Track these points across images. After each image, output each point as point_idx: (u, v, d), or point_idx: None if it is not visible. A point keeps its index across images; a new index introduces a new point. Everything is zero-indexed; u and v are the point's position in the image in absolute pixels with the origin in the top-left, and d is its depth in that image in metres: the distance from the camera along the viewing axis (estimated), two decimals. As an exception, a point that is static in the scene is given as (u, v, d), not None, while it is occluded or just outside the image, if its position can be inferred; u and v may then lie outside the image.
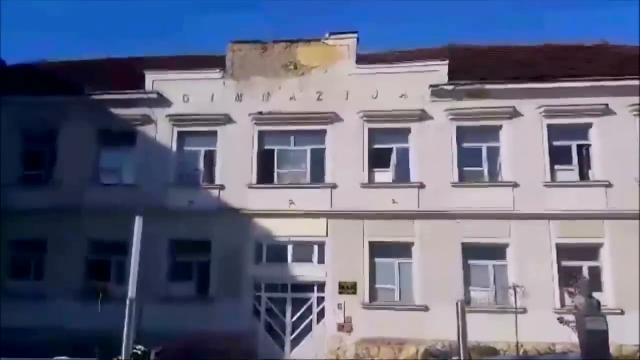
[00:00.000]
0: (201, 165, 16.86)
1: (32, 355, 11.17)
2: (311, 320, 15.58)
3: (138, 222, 10.38)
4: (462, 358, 10.08)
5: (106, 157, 17.19)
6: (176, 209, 15.89)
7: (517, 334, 13.50)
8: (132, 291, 10.07)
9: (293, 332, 15.52)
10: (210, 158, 16.81)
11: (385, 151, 16.36)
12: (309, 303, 15.69)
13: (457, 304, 10.70)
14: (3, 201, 16.26)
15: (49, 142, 17.19)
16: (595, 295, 11.51)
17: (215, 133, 16.79)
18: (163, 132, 16.93)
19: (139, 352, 10.81)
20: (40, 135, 17.31)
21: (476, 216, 15.25)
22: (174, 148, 16.83)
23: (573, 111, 15.63)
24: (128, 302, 9.97)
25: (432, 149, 15.91)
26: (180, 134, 16.91)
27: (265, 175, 16.50)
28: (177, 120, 16.85)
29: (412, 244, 15.58)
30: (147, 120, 16.94)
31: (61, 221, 15.93)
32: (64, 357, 9.63)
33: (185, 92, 16.93)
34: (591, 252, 15.13)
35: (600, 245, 15.04)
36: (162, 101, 16.98)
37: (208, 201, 16.20)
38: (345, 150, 16.19)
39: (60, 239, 16.12)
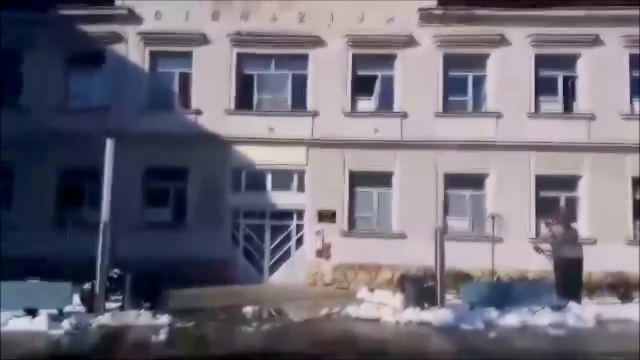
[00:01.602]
0: (176, 88, 16.12)
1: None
2: (290, 247, 15.69)
3: (109, 145, 9.92)
4: (438, 282, 10.28)
5: (75, 80, 16.23)
6: (150, 133, 15.26)
7: (492, 261, 13.72)
8: (105, 215, 9.82)
9: (271, 258, 15.61)
10: (185, 81, 16.07)
11: (369, 78, 15.90)
12: (287, 230, 15.71)
13: (435, 230, 10.80)
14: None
15: (13, 65, 15.97)
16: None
17: (190, 54, 15.95)
18: (134, 52, 15.98)
19: (114, 276, 10.62)
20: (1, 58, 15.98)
21: (458, 146, 15.13)
22: (147, 69, 15.98)
23: (562, 40, 15.28)
24: (101, 226, 9.75)
25: (417, 77, 15.50)
26: (152, 54, 16.02)
27: (244, 100, 15.96)
28: (148, 38, 15.88)
29: (393, 173, 15.54)
30: (117, 38, 15.90)
31: (29, 149, 15.13)
32: (36, 279, 9.40)
33: (158, 8, 15.81)
34: (569, 183, 15.33)
35: (579, 177, 15.25)
36: (132, 18, 15.88)
37: (184, 126, 15.61)
38: (328, 77, 15.65)
39: (28, 168, 15.41)
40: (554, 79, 15.62)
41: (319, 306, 10.96)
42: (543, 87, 15.54)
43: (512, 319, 9.42)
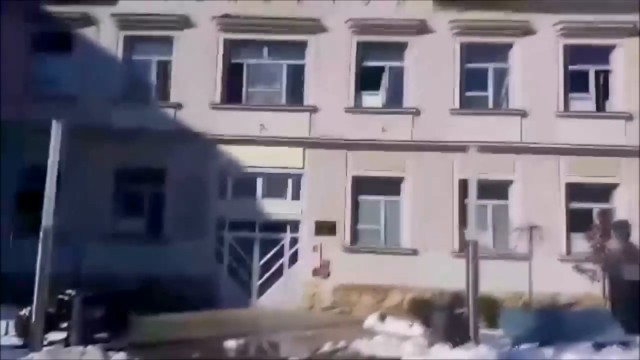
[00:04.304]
0: (153, 77, 14.11)
1: None
2: (282, 264, 13.55)
3: (55, 129, 7.75)
4: (470, 309, 8.20)
5: (39, 66, 14.09)
6: (123, 129, 13.17)
7: (530, 283, 11.77)
8: (46, 218, 7.61)
9: (261, 276, 13.47)
10: (164, 70, 14.08)
11: (375, 70, 13.99)
12: (280, 244, 13.60)
13: (467, 244, 8.69)
14: None
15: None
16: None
17: (170, 39, 13.99)
18: (107, 36, 13.96)
19: (65, 298, 8.39)
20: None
21: (477, 149, 13.07)
22: (120, 56, 13.94)
23: (596, 29, 13.44)
24: (42, 234, 7.54)
25: (431, 68, 13.60)
26: (127, 39, 14.00)
27: (232, 93, 13.96)
28: (123, 21, 13.87)
29: (402, 179, 13.56)
30: (87, 20, 13.88)
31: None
32: None
33: (135, -14, 13.81)
34: (604, 193, 13.38)
35: (615, 185, 13.29)
36: (105, -3, 13.86)
37: (162, 122, 13.53)
38: (329, 67, 13.71)
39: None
40: (585, 74, 13.78)
41: (320, 339, 8.85)
42: (573, 82, 13.67)
43: (570, 358, 7.30)
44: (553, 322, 8.21)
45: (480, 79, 13.82)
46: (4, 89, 13.42)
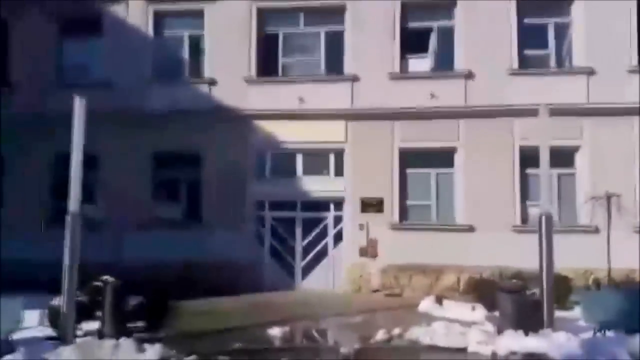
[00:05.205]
0: (185, 54, 13.44)
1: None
2: (326, 244, 12.81)
3: (78, 107, 7.13)
4: (545, 289, 7.17)
5: (69, 51, 13.76)
6: (157, 112, 12.69)
7: (609, 259, 10.60)
8: (73, 203, 7.05)
9: (304, 258, 12.76)
10: (196, 45, 13.43)
11: (422, 32, 12.90)
12: (323, 223, 12.84)
13: (540, 217, 7.58)
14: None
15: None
16: None
17: (201, 13, 13.33)
18: (136, 13, 13.43)
19: (100, 285, 7.87)
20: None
21: (537, 112, 11.81)
22: (151, 33, 13.36)
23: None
24: (69, 219, 6.99)
25: (484, 27, 12.39)
26: (157, 14, 13.46)
27: (268, 65, 13.21)
28: (152, -5, 13.25)
29: (455, 149, 12.50)
30: (115, -3, 13.32)
31: (20, 133, 12.69)
32: None
33: (161, -42, 13.17)
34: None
35: (698, 148, 11.74)
36: (132, -28, 13.29)
37: (196, 100, 12.91)
38: (370, 32, 12.72)
39: (18, 157, 12.98)
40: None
41: (371, 325, 8.05)
42: (646, 34, 12.10)
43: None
44: (636, 303, 7.03)
45: (539, 35, 12.55)
46: (35, 78, 13.19)
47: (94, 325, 7.51)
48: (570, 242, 11.16)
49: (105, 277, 8.07)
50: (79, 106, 7.15)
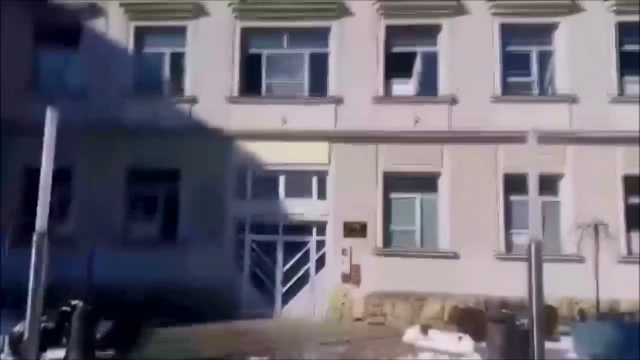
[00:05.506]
0: (166, 71, 13.20)
1: None
2: (308, 269, 12.44)
3: (50, 118, 6.72)
4: (534, 320, 6.92)
5: (45, 62, 13.37)
6: (135, 126, 12.30)
7: (597, 288, 10.57)
8: (40, 221, 6.55)
9: (285, 283, 12.38)
10: (178, 62, 13.17)
11: (406, 56, 12.89)
12: (305, 248, 12.52)
13: (529, 245, 7.38)
14: None
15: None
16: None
17: (183, 29, 13.13)
18: (116, 28, 13.13)
19: (68, 309, 7.38)
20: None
21: (522, 139, 11.81)
22: (131, 49, 13.09)
23: (652, 6, 12.07)
24: (35, 238, 6.50)
25: (468, 53, 12.46)
26: (138, 30, 13.20)
27: (251, 85, 13.03)
28: (133, 11, 13.10)
29: (439, 174, 12.36)
30: (95, 10, 13.09)
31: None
32: None
33: (144, -26, 13.02)
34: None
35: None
36: (114, -14, 13.09)
37: (176, 117, 12.60)
38: (355, 55, 12.70)
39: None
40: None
41: (354, 354, 7.73)
42: (627, 63, 12.31)
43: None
44: (632, 336, 6.86)
45: (522, 62, 12.64)
46: (7, 86, 12.70)
47: (60, 353, 7.04)
48: (554, 271, 10.96)
49: (74, 302, 7.61)
50: (50, 117, 6.75)
